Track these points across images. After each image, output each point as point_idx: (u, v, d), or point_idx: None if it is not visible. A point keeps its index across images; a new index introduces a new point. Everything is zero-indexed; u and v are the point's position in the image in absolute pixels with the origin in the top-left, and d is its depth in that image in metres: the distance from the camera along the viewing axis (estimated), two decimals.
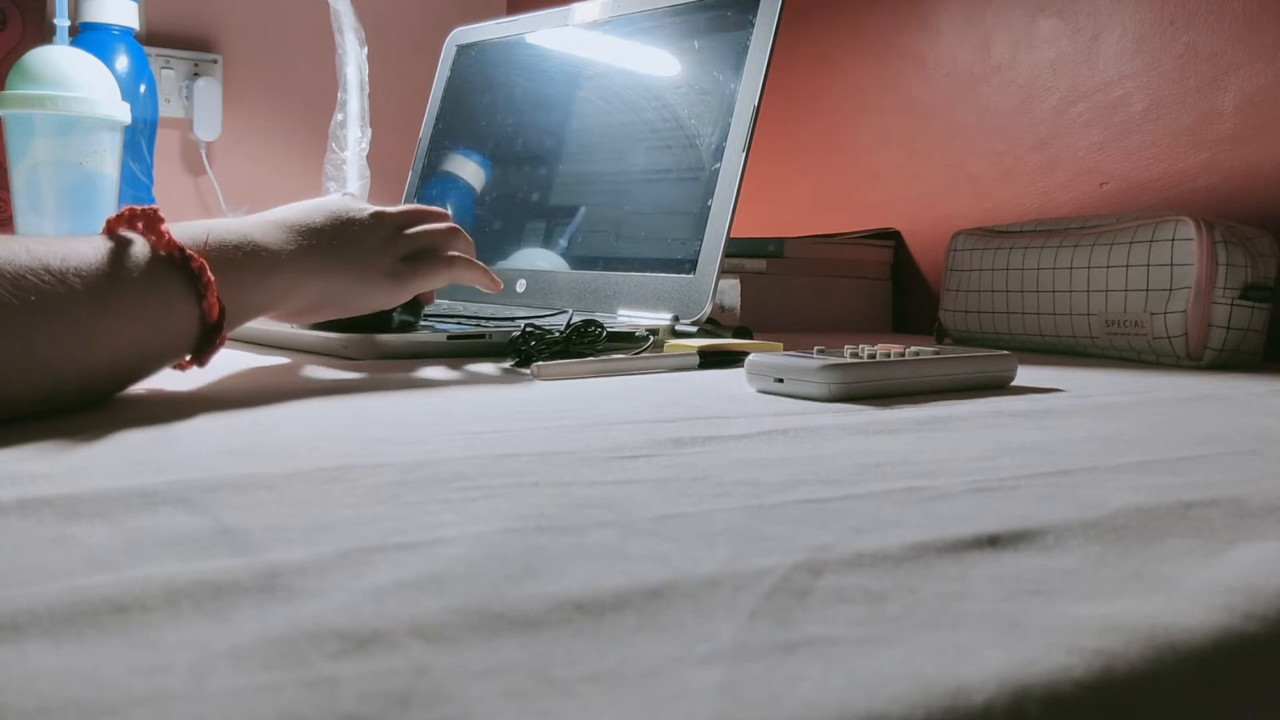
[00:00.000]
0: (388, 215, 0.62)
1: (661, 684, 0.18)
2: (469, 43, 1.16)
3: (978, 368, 0.60)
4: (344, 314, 0.61)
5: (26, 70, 0.95)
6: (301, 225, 0.56)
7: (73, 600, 0.21)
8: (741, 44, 0.84)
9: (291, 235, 0.55)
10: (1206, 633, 0.22)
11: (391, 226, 0.62)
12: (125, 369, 0.46)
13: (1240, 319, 0.78)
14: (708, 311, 0.79)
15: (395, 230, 0.62)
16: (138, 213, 0.47)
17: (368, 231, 0.60)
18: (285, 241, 0.54)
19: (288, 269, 0.54)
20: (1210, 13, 0.97)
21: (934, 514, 0.30)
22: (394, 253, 0.62)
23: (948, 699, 0.18)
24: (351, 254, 0.58)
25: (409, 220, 0.64)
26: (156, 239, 0.46)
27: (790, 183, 1.44)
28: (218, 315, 0.48)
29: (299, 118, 1.78)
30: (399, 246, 0.62)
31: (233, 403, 0.48)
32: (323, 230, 0.57)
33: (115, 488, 0.30)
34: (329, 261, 0.57)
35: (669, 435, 0.42)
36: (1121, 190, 1.05)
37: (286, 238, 0.54)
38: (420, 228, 0.64)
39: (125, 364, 0.46)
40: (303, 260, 0.55)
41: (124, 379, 0.47)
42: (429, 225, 0.65)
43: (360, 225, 0.60)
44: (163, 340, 0.47)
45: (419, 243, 0.64)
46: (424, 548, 0.25)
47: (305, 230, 0.56)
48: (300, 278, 0.55)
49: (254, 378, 0.58)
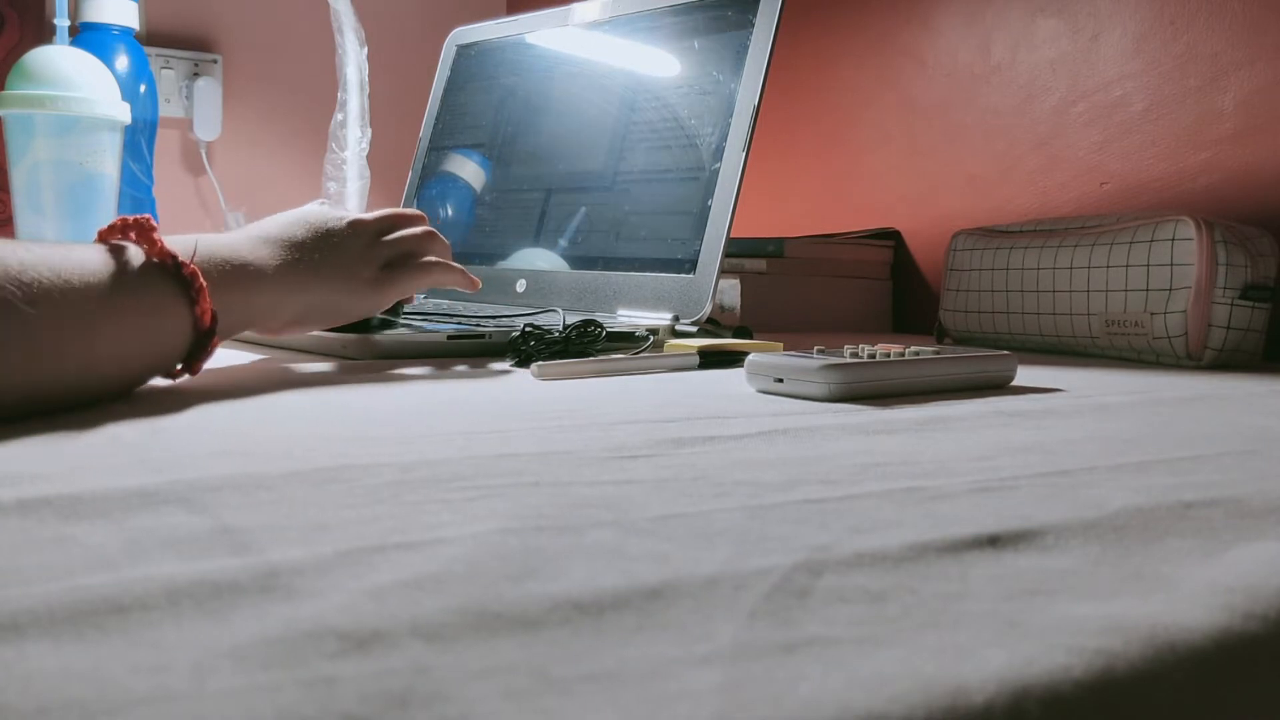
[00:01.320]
0: (365, 223, 0.63)
1: (661, 684, 0.18)
2: (469, 43, 1.16)
3: (978, 368, 0.60)
4: (327, 325, 0.62)
5: (26, 70, 0.95)
6: (285, 240, 0.57)
7: (73, 600, 0.21)
8: (741, 44, 0.84)
9: (275, 250, 0.56)
10: (1206, 633, 0.22)
11: (369, 235, 0.63)
12: (123, 372, 0.47)
13: (1240, 319, 0.78)
14: (708, 311, 0.79)
15: (373, 238, 0.63)
16: (130, 223, 0.48)
17: (346, 241, 0.61)
18: (270, 257, 0.55)
19: (272, 285, 0.55)
20: (1210, 13, 0.97)
21: (934, 514, 0.30)
22: (373, 261, 0.62)
23: (948, 699, 0.18)
24: (333, 266, 0.59)
25: (385, 227, 0.64)
26: (149, 247, 0.47)
27: (790, 183, 1.44)
28: (210, 321, 0.48)
29: (299, 118, 1.78)
30: (378, 254, 0.63)
31: (233, 403, 0.48)
32: (305, 244, 0.58)
33: (115, 488, 0.30)
34: (311, 276, 0.57)
35: (669, 435, 0.41)
36: (1121, 190, 1.05)
37: (271, 253, 0.55)
38: (397, 234, 0.65)
39: (123, 366, 0.46)
40: (287, 275, 0.56)
41: (121, 383, 0.47)
42: (406, 231, 0.65)
43: (339, 235, 0.60)
44: (157, 345, 0.47)
45: (397, 249, 0.64)
46: (423, 548, 0.25)
47: (289, 245, 0.57)
48: (285, 293, 0.56)
49: (253, 378, 0.58)
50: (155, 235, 0.47)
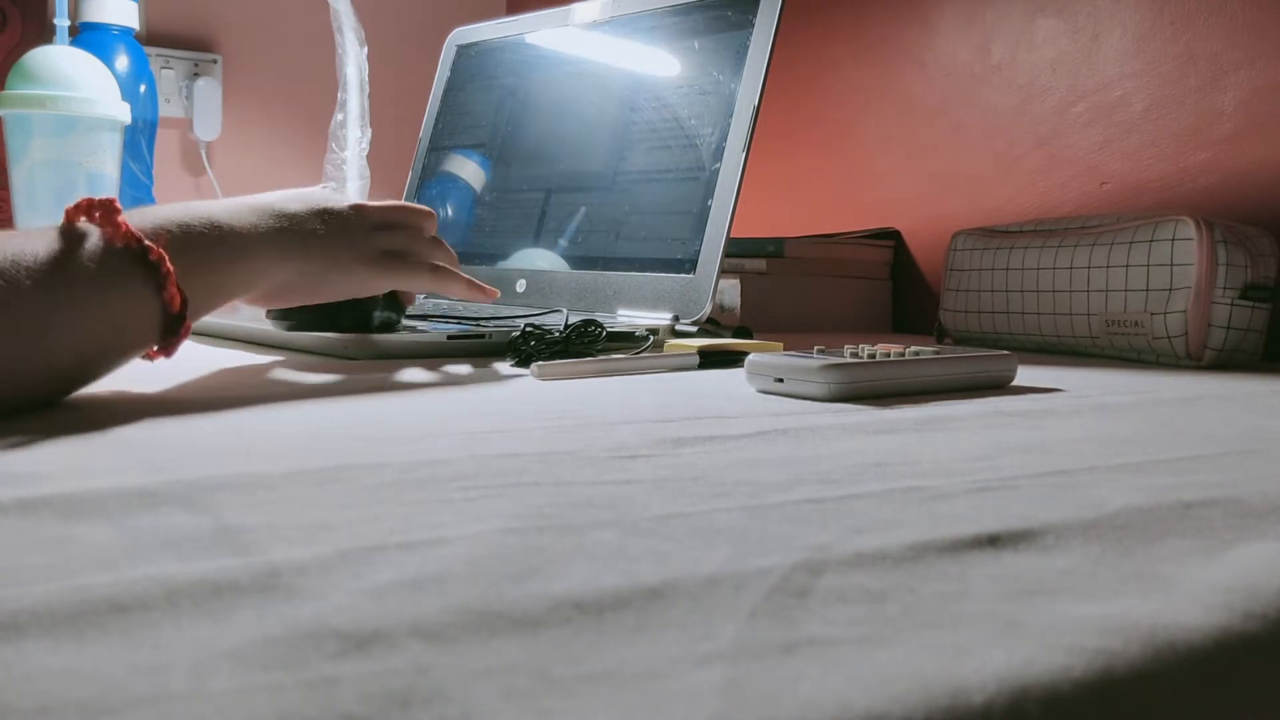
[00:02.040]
0: (368, 209, 0.62)
1: (661, 684, 0.18)
2: (469, 43, 1.16)
3: (977, 368, 0.60)
4: (316, 299, 0.60)
5: (26, 70, 0.95)
6: (274, 209, 0.55)
7: (73, 600, 0.21)
8: (741, 44, 0.84)
9: (261, 218, 0.54)
10: (1206, 633, 0.22)
11: (371, 221, 0.61)
12: (89, 361, 0.46)
13: (1240, 319, 0.78)
14: (708, 311, 0.79)
15: (375, 224, 0.62)
16: (95, 204, 0.46)
17: (346, 221, 0.59)
18: (254, 224, 0.53)
19: (256, 251, 0.53)
20: (1210, 13, 0.97)
21: (934, 514, 0.30)
22: (372, 244, 0.61)
23: (948, 699, 0.18)
24: (327, 239, 0.58)
25: (390, 217, 0.63)
26: (113, 230, 0.46)
27: (790, 183, 1.44)
28: (179, 305, 0.47)
29: (299, 118, 1.78)
30: (379, 240, 0.62)
31: (232, 402, 0.48)
32: (297, 215, 0.56)
33: (115, 488, 0.30)
34: (302, 245, 0.56)
35: (669, 435, 0.41)
36: (1121, 190, 1.05)
37: (255, 220, 0.54)
38: (403, 231, 0.64)
39: (89, 357, 0.45)
40: (273, 242, 0.54)
41: (89, 372, 0.46)
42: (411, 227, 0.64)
43: (338, 215, 0.59)
44: (124, 332, 0.46)
45: (399, 242, 0.63)
46: (424, 547, 0.25)
47: (277, 214, 0.55)
48: (270, 260, 0.54)
49: (253, 378, 0.58)
50: (120, 218, 0.46)
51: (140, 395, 0.49)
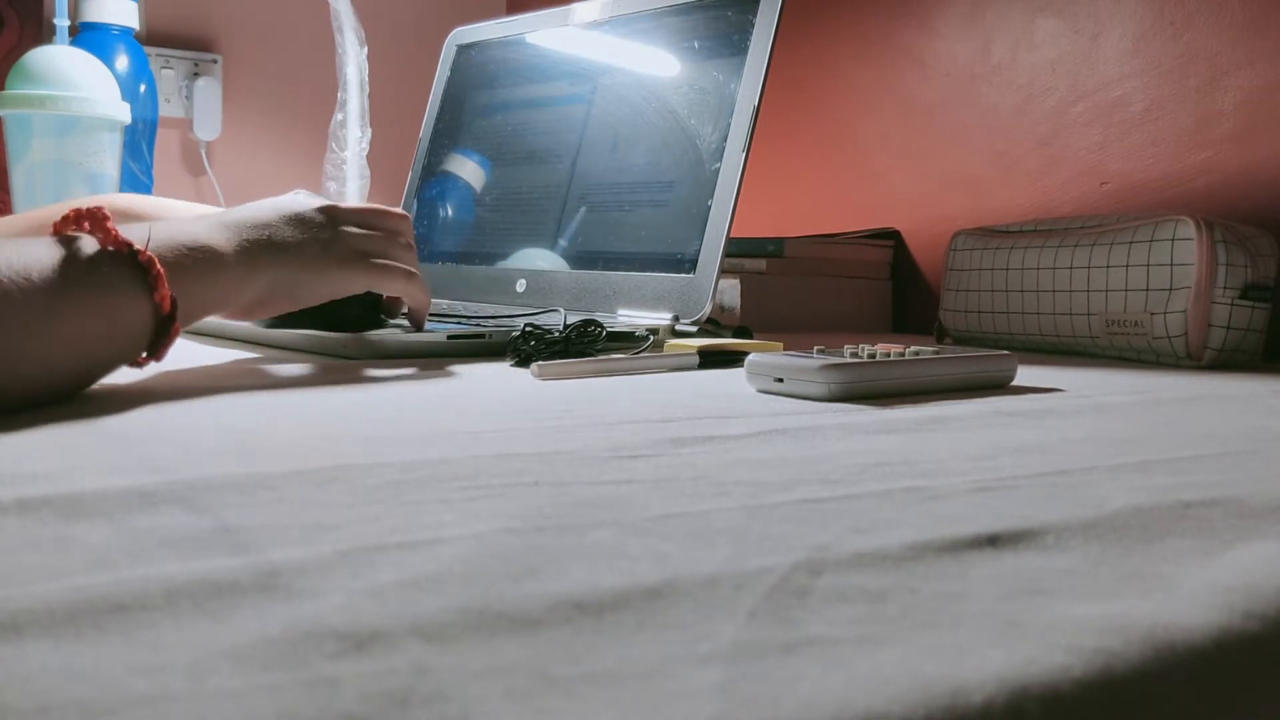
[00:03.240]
0: (338, 210, 0.62)
1: (661, 684, 0.18)
2: (469, 43, 1.16)
3: (977, 368, 0.60)
4: (297, 305, 0.61)
5: (26, 70, 0.95)
6: (247, 223, 0.56)
7: (73, 600, 0.21)
8: (741, 44, 0.84)
9: (235, 233, 0.55)
10: (1206, 632, 0.22)
11: (340, 221, 0.62)
12: (86, 364, 0.46)
13: (1240, 319, 0.78)
14: (708, 311, 0.79)
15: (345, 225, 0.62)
16: (83, 213, 0.48)
17: (315, 224, 0.60)
18: (230, 239, 0.54)
19: (234, 266, 0.54)
20: (1210, 13, 0.97)
21: (934, 514, 0.30)
22: (344, 244, 0.61)
23: (947, 699, 0.18)
24: (295, 245, 0.58)
25: (363, 219, 0.64)
26: (104, 236, 0.47)
27: (790, 183, 1.44)
28: (170, 307, 0.48)
29: (299, 118, 1.78)
30: (350, 240, 0.62)
31: (232, 402, 0.48)
32: (268, 224, 0.57)
33: (115, 487, 0.30)
34: (275, 254, 0.57)
35: (669, 435, 0.41)
36: (1121, 190, 1.05)
37: (230, 236, 0.55)
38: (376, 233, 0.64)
39: (86, 359, 0.46)
40: (249, 256, 0.55)
41: (85, 375, 0.47)
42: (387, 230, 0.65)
43: (307, 219, 0.60)
44: (119, 334, 0.47)
45: (372, 245, 0.63)
46: (424, 547, 0.25)
47: (250, 226, 0.56)
48: (247, 273, 0.55)
49: (253, 377, 0.58)
50: (109, 225, 0.47)
51: (139, 395, 0.49)
